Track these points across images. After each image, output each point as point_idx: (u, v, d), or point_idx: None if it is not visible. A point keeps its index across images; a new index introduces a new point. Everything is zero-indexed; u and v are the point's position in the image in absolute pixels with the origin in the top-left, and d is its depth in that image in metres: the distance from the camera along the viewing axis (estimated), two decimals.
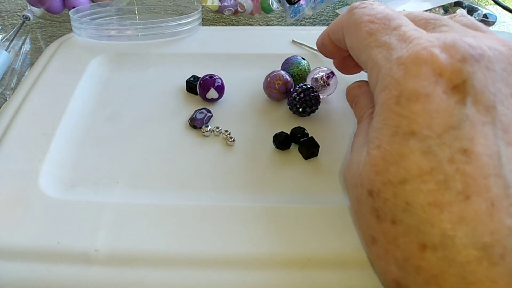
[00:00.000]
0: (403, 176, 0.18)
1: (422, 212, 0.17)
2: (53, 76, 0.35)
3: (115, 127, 0.31)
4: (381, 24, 0.22)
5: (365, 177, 0.19)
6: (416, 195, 0.17)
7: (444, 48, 0.19)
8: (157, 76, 0.37)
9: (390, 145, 0.18)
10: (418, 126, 0.18)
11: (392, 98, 0.19)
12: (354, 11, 0.24)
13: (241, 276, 0.22)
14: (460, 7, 0.44)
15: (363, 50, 0.22)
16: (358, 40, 0.23)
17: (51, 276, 0.22)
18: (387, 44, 0.21)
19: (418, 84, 0.18)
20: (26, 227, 0.24)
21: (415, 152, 0.18)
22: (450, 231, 0.16)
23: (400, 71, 0.19)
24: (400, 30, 0.21)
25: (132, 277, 0.22)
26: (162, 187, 0.27)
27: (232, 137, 0.30)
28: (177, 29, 0.41)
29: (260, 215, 0.25)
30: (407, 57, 0.19)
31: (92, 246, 0.23)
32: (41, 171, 0.27)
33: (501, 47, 0.20)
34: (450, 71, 0.18)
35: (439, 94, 0.18)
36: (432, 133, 0.17)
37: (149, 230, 0.24)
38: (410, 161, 0.18)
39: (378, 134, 0.19)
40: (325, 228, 0.24)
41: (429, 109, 0.18)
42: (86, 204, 0.25)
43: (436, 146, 0.17)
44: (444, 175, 0.17)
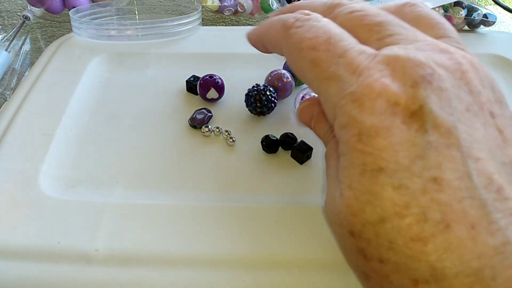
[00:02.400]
0: (380, 215, 0.17)
1: (407, 249, 0.17)
2: (53, 76, 0.35)
3: (115, 127, 0.31)
4: (325, 51, 0.20)
5: (343, 218, 0.19)
6: (397, 232, 0.17)
7: (395, 75, 0.19)
8: (157, 76, 0.37)
9: (360, 184, 0.18)
10: (385, 162, 0.17)
11: (354, 136, 0.18)
12: (291, 31, 0.22)
13: (241, 276, 0.22)
14: (460, 7, 0.44)
15: (311, 81, 0.21)
16: (303, 69, 0.22)
17: (51, 276, 0.22)
18: (337, 76, 0.20)
19: (375, 119, 0.18)
20: (26, 227, 0.24)
21: (387, 189, 0.17)
22: (437, 262, 0.16)
23: (355, 108, 0.18)
24: (347, 57, 0.20)
25: (132, 277, 0.22)
26: (162, 187, 0.27)
27: (233, 137, 0.30)
28: (177, 29, 0.41)
29: (260, 215, 0.25)
30: (361, 92, 0.18)
31: (92, 246, 0.23)
32: (41, 171, 0.27)
33: (448, 61, 0.19)
34: (405, 100, 0.18)
35: (399, 125, 0.18)
36: (400, 167, 0.17)
37: (149, 230, 0.24)
38: (383, 199, 0.17)
39: (346, 174, 0.19)
40: (325, 229, 0.24)
41: (392, 142, 0.17)
42: (86, 204, 0.25)
43: (406, 179, 0.17)
44: (420, 207, 0.17)
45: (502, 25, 0.55)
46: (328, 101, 0.20)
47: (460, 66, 0.19)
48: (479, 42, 0.43)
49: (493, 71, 0.39)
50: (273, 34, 0.24)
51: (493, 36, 0.44)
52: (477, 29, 0.45)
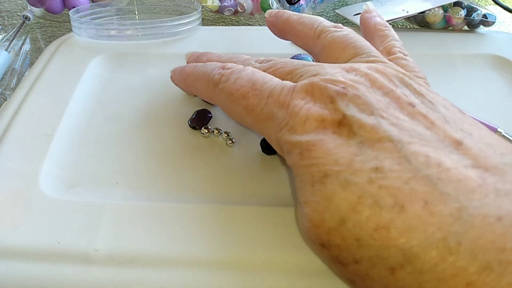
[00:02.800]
0: (339, 217, 0.18)
1: (373, 241, 0.17)
2: (53, 76, 0.35)
3: (115, 128, 0.31)
4: (254, 97, 0.23)
5: (311, 234, 0.20)
6: (359, 228, 0.18)
7: (314, 98, 0.22)
8: (157, 76, 0.37)
9: (313, 195, 0.19)
10: (327, 167, 0.19)
11: (297, 156, 0.20)
12: (220, 87, 0.25)
13: (240, 277, 0.22)
14: (459, 7, 0.44)
15: (252, 126, 0.25)
16: (242, 117, 0.25)
17: (51, 276, 0.22)
18: (270, 116, 0.23)
19: (309, 136, 0.20)
20: (26, 227, 0.24)
21: (337, 190, 0.18)
22: (405, 244, 0.17)
23: (292, 134, 0.21)
24: (273, 96, 0.23)
25: (132, 278, 0.22)
26: (162, 188, 0.27)
27: (232, 138, 0.30)
28: (177, 29, 0.41)
29: (260, 216, 0.25)
30: (292, 121, 0.21)
31: (92, 246, 0.23)
32: (41, 171, 0.27)
33: (355, 76, 0.22)
34: (329, 114, 0.21)
35: (331, 135, 0.20)
36: (342, 166, 0.19)
37: (148, 230, 0.24)
38: (337, 200, 0.18)
39: (301, 192, 0.20)
40: None
41: (329, 148, 0.19)
42: (86, 205, 0.25)
43: (351, 176, 0.18)
44: (371, 197, 0.18)
45: (502, 25, 0.55)
46: (271, 137, 0.23)
47: (368, 76, 0.22)
48: (479, 42, 0.43)
49: (492, 71, 0.39)
50: (203, 88, 0.28)
51: (492, 36, 0.44)
52: (477, 29, 0.45)
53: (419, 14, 0.44)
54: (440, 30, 0.46)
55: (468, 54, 0.41)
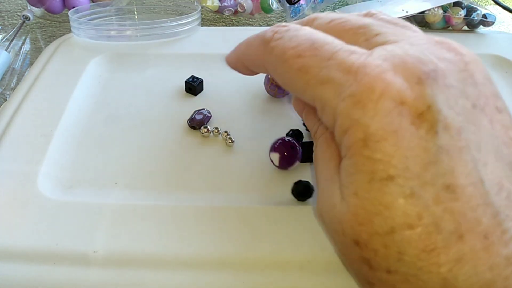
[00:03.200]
0: (390, 225, 0.16)
1: (417, 260, 0.16)
2: (52, 76, 0.35)
3: (114, 128, 0.31)
4: (311, 57, 0.19)
5: (347, 226, 0.17)
6: (408, 243, 0.16)
7: (396, 70, 0.17)
8: (156, 76, 0.37)
9: (369, 193, 0.17)
10: (395, 169, 0.16)
11: (359, 142, 0.17)
12: (271, 45, 0.21)
13: (240, 278, 0.22)
14: (459, 7, 0.44)
15: (303, 90, 0.20)
16: (292, 80, 0.20)
17: (49, 278, 0.22)
18: (330, 79, 0.18)
19: (381, 121, 0.16)
20: (25, 228, 0.24)
21: (398, 198, 0.16)
22: (449, 274, 0.15)
23: (358, 110, 0.17)
24: (336, 58, 0.18)
25: (131, 279, 0.22)
26: (161, 189, 0.27)
27: (232, 138, 0.30)
28: (176, 30, 0.41)
29: (259, 216, 0.25)
30: (361, 93, 0.17)
31: (91, 248, 0.23)
32: (40, 172, 0.27)
33: (447, 53, 0.18)
34: (413, 98, 0.17)
35: (407, 127, 0.16)
36: (411, 174, 0.16)
37: (147, 231, 0.24)
38: (394, 209, 0.16)
39: (352, 180, 0.17)
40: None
41: (401, 147, 0.16)
42: (85, 206, 0.25)
43: (418, 188, 0.16)
44: (433, 217, 0.16)
45: (502, 25, 0.55)
46: (326, 106, 0.19)
47: (462, 57, 0.18)
48: (479, 42, 0.43)
49: (492, 71, 0.39)
50: (253, 52, 0.23)
51: (492, 36, 0.44)
52: (477, 29, 0.45)
53: (419, 14, 0.44)
54: (439, 30, 0.45)
55: None
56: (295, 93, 0.21)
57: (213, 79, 0.36)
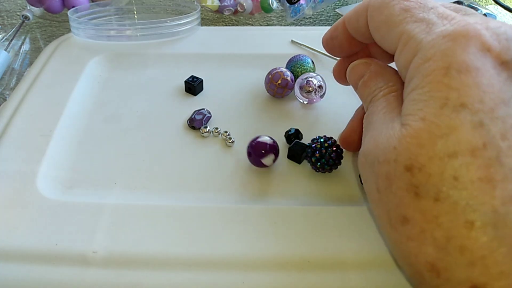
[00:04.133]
0: (453, 149, 0.17)
1: (472, 188, 0.16)
2: (51, 76, 0.35)
3: (113, 128, 0.31)
4: (417, 2, 0.21)
5: (403, 151, 0.18)
6: (467, 170, 0.16)
7: (488, 29, 0.19)
8: (155, 76, 0.37)
9: (438, 118, 0.17)
10: (470, 99, 0.17)
11: (440, 69, 0.18)
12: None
13: (240, 278, 0.22)
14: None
15: (394, 26, 0.21)
16: (389, 16, 0.21)
17: (48, 278, 0.22)
18: (426, 19, 0.20)
19: (467, 57, 0.18)
20: (24, 228, 0.24)
21: (466, 126, 0.17)
22: (501, 208, 0.16)
23: (447, 42, 0.18)
24: (438, 9, 0.20)
25: (130, 279, 0.22)
26: (161, 189, 0.27)
27: (232, 138, 0.30)
28: (176, 29, 0.40)
29: (259, 216, 0.25)
30: (453, 31, 0.18)
31: (90, 248, 0.23)
32: (39, 172, 0.27)
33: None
34: (499, 48, 0.18)
35: (489, 69, 0.18)
36: (485, 107, 0.17)
37: (147, 231, 0.24)
38: (460, 135, 0.17)
39: (421, 106, 0.18)
40: (324, 230, 0.24)
41: (480, 83, 0.17)
42: (84, 206, 0.25)
43: (488, 120, 0.17)
44: (497, 151, 0.16)
45: None
46: (411, 40, 0.20)
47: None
48: None
49: None
50: (360, 5, 0.24)
51: None
52: None
53: None
54: None
55: None
56: (383, 33, 0.22)
57: (213, 79, 0.36)
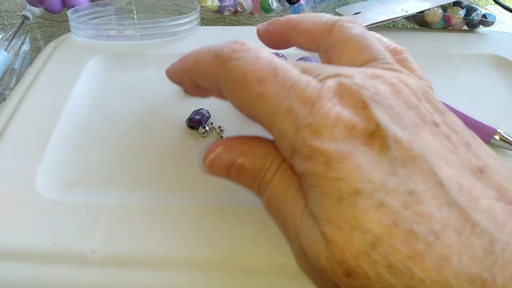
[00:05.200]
0: (370, 239, 0.16)
1: (406, 269, 0.16)
2: (51, 76, 0.35)
3: (113, 128, 0.31)
4: (273, 84, 0.19)
5: (334, 260, 0.17)
6: (393, 253, 0.16)
7: (344, 101, 0.19)
8: (155, 76, 0.37)
9: (340, 214, 0.17)
10: (360, 183, 0.17)
11: (321, 165, 0.18)
12: (230, 65, 0.21)
13: (238, 279, 0.22)
14: (459, 7, 0.44)
15: (261, 117, 0.20)
16: (250, 106, 0.20)
17: (47, 277, 0.22)
18: (289, 110, 0.19)
19: (338, 145, 0.18)
20: (23, 228, 0.24)
21: (370, 210, 0.16)
22: (439, 276, 0.16)
23: (316, 138, 0.18)
24: (297, 88, 0.19)
25: (129, 279, 0.22)
26: (159, 189, 0.27)
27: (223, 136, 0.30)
28: (175, 29, 0.40)
29: (258, 217, 0.25)
30: (318, 123, 0.18)
31: (89, 248, 0.23)
32: (38, 172, 0.27)
33: (381, 85, 0.20)
34: (361, 121, 0.18)
35: (361, 148, 0.18)
36: (375, 186, 0.17)
37: (146, 231, 0.24)
38: (369, 221, 0.16)
39: (322, 207, 0.18)
40: None
41: (361, 163, 0.17)
42: (83, 205, 0.25)
43: (385, 197, 0.17)
44: (407, 223, 0.16)
45: (502, 25, 0.55)
46: (284, 136, 0.19)
47: (394, 86, 0.20)
48: (479, 42, 0.43)
49: (492, 71, 0.39)
50: (205, 67, 0.23)
51: (492, 36, 0.44)
52: (476, 29, 0.45)
53: (418, 13, 0.44)
54: (439, 30, 0.45)
55: (468, 54, 0.40)
56: (251, 118, 0.21)
57: None
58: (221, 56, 0.21)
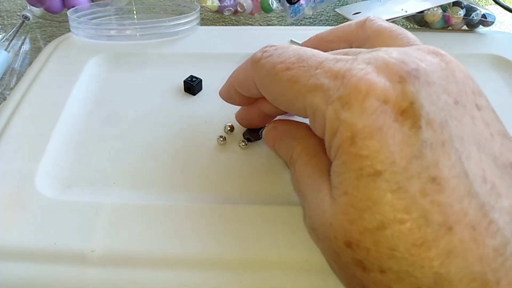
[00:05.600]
0: (380, 221, 0.16)
1: (409, 256, 0.16)
2: (51, 76, 0.35)
3: (112, 128, 0.31)
4: (299, 68, 0.20)
5: (338, 228, 0.18)
6: (398, 238, 0.16)
7: (379, 71, 0.18)
8: (154, 76, 0.37)
9: (357, 190, 0.17)
10: (382, 164, 0.17)
11: (346, 140, 0.17)
12: (261, 63, 0.22)
13: (237, 277, 0.22)
14: (458, 7, 0.44)
15: (293, 101, 0.20)
16: (282, 92, 0.21)
17: (47, 277, 0.22)
18: (319, 86, 0.19)
19: (367, 120, 0.17)
20: (23, 227, 0.24)
21: (385, 193, 0.16)
22: (441, 268, 0.16)
23: (345, 111, 0.18)
24: (323, 67, 0.19)
25: (128, 278, 0.22)
26: (159, 188, 0.27)
27: (244, 141, 0.30)
28: (175, 29, 0.41)
29: (257, 216, 0.25)
30: (348, 95, 0.18)
31: (88, 247, 0.23)
32: (38, 171, 0.27)
33: (428, 55, 0.19)
34: (395, 96, 0.17)
35: (391, 124, 0.17)
36: (398, 168, 0.17)
37: (145, 231, 0.24)
38: (382, 204, 0.16)
39: (341, 179, 0.18)
40: None
41: (387, 143, 0.17)
42: (83, 205, 0.25)
43: (405, 181, 0.16)
44: (421, 210, 0.16)
45: (501, 25, 0.55)
46: (317, 112, 0.19)
47: (443, 57, 0.20)
48: (478, 42, 0.43)
49: (492, 71, 0.39)
50: (243, 74, 0.25)
51: (492, 36, 0.44)
52: (476, 29, 0.45)
53: (418, 13, 0.44)
54: (439, 30, 0.45)
55: (468, 54, 0.40)
56: (286, 106, 0.22)
57: (212, 78, 0.36)
58: (254, 59, 0.23)
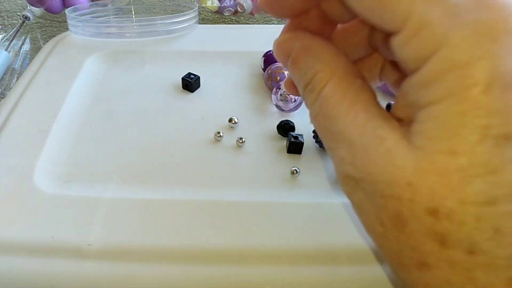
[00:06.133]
0: (493, 195, 0.13)
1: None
2: (50, 73, 0.36)
3: (111, 124, 0.32)
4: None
5: (424, 190, 0.14)
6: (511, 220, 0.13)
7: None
8: (153, 73, 0.37)
9: (474, 153, 0.13)
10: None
11: (479, 84, 0.13)
12: None
13: (233, 270, 0.22)
14: None
15: (395, 2, 0.14)
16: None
17: (44, 270, 0.22)
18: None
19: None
20: (21, 222, 0.24)
21: (511, 166, 0.13)
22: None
23: (486, 42, 0.12)
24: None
25: (125, 272, 0.22)
26: (156, 183, 0.27)
27: (243, 138, 0.30)
28: (173, 27, 0.41)
29: (252, 209, 0.25)
30: (492, 21, 0.13)
31: (86, 241, 0.23)
32: (37, 167, 0.27)
33: None
34: None
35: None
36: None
37: (142, 225, 0.24)
38: (504, 177, 0.13)
39: (450, 133, 0.13)
40: (318, 223, 0.24)
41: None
42: (81, 200, 0.25)
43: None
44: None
45: None
46: (427, 29, 0.13)
47: None
48: None
49: None
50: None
51: None
52: None
53: None
54: None
55: None
56: (376, 4, 0.14)
57: (210, 76, 0.36)
58: None
